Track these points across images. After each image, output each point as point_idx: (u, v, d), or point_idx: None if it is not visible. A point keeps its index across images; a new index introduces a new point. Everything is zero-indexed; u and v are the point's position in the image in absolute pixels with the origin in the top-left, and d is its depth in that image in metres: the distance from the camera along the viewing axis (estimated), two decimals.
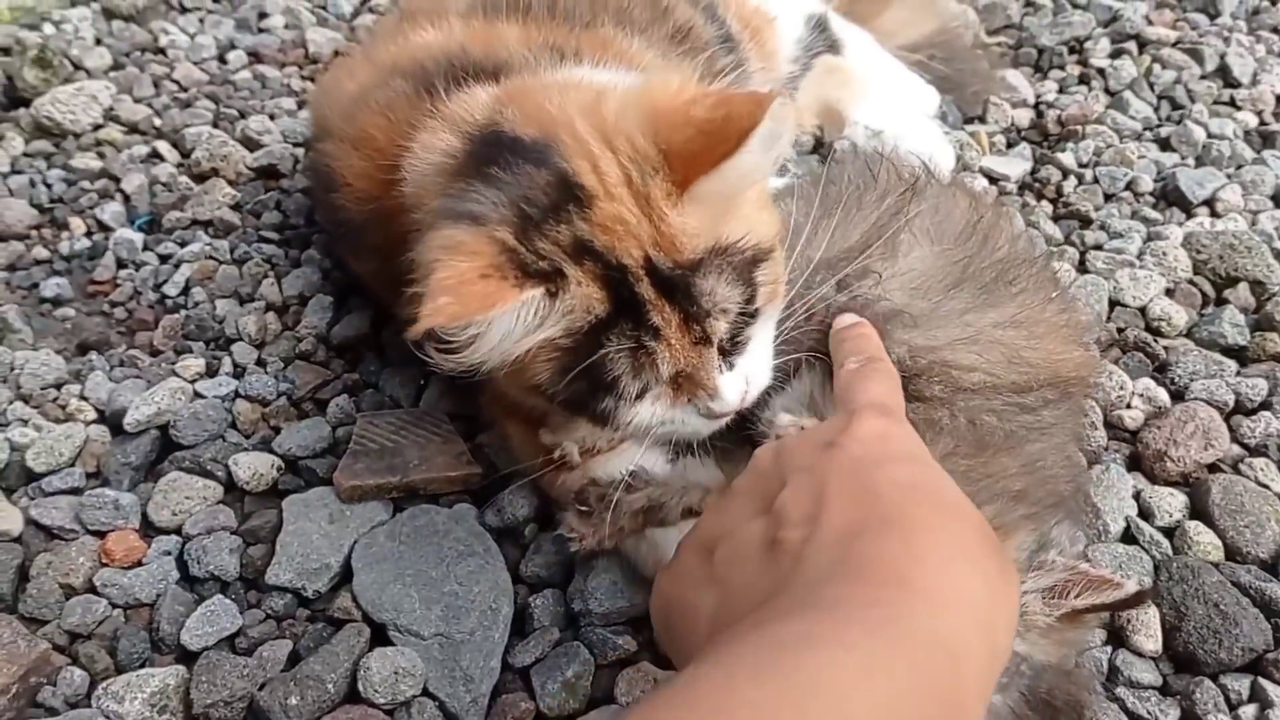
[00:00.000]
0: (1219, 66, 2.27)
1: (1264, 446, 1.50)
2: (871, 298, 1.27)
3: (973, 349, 1.23)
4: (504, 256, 1.07)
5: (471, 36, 1.60)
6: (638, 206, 1.10)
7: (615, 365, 1.11)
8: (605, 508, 1.34)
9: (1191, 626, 1.29)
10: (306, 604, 1.41)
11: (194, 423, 1.60)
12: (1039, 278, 1.37)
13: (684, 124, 1.12)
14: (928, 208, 1.37)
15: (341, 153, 1.55)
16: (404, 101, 1.51)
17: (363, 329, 1.76)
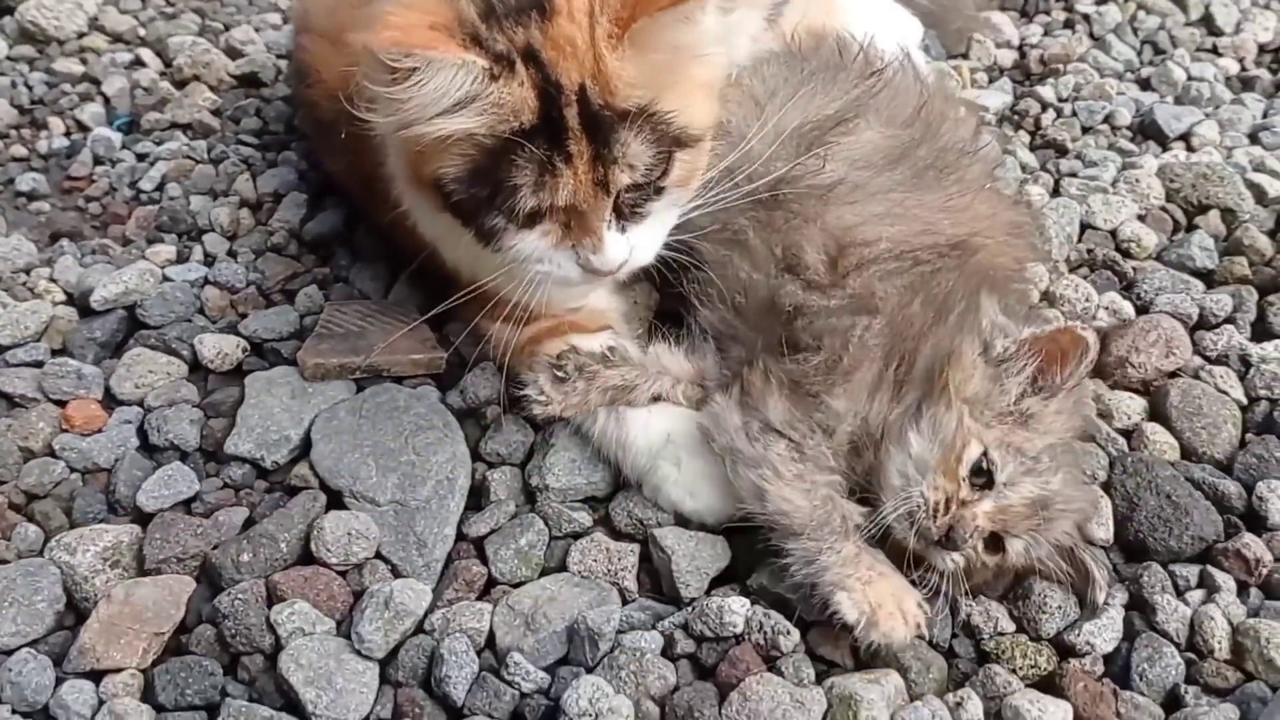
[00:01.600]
0: (1203, 15, 2.28)
1: (1225, 357, 1.51)
2: (814, 170, 1.33)
3: (887, 224, 1.30)
4: (458, 24, 1.09)
5: None
6: (590, 36, 1.12)
7: (520, 174, 1.12)
8: (581, 377, 1.35)
9: (1143, 516, 1.30)
10: (265, 475, 1.41)
11: (161, 303, 1.60)
12: (976, 169, 1.43)
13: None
14: (889, 93, 1.41)
15: (319, 48, 1.55)
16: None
17: (336, 225, 1.76)
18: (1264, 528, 1.31)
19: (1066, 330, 1.17)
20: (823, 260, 1.30)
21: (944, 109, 1.48)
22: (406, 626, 1.21)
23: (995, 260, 1.36)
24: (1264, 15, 2.27)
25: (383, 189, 1.41)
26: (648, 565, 1.30)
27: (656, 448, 1.34)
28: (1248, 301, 1.59)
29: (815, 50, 1.57)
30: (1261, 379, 1.46)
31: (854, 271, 1.29)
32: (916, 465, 1.19)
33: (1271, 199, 1.78)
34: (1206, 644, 1.19)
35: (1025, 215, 1.57)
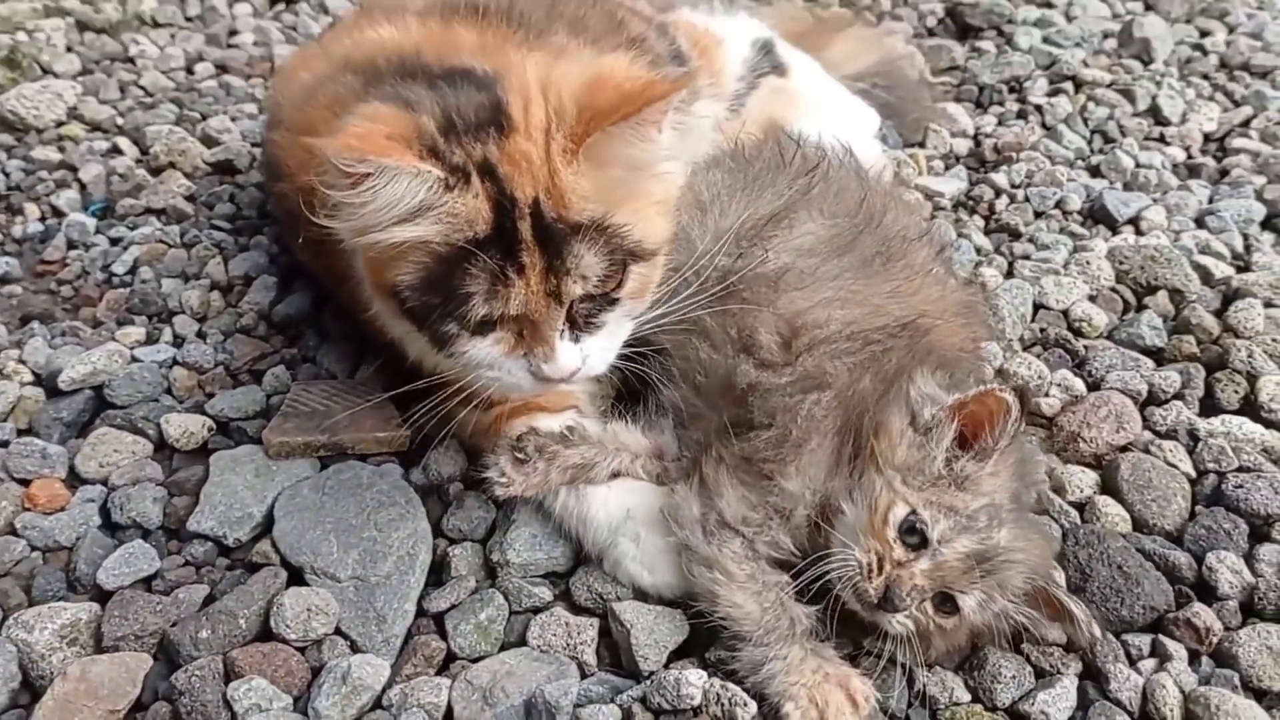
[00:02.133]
0: (1150, 106, 2.36)
1: (1174, 432, 1.54)
2: (760, 260, 1.39)
3: (837, 307, 1.34)
4: (417, 136, 1.14)
5: (427, 38, 1.66)
6: (545, 152, 1.17)
7: (473, 283, 1.16)
8: (541, 458, 1.37)
9: (1095, 587, 1.32)
10: (227, 553, 1.42)
11: (128, 383, 1.61)
12: (923, 254, 1.48)
13: (610, 88, 1.21)
14: (826, 188, 1.49)
15: (288, 143, 1.58)
16: (352, 97, 1.56)
17: (304, 307, 1.79)
18: (1214, 597, 1.33)
19: (989, 393, 1.20)
20: (776, 341, 1.34)
21: (887, 199, 1.55)
22: (364, 702, 1.21)
23: (947, 340, 1.40)
24: (1207, 106, 2.36)
25: (351, 287, 1.45)
26: (607, 639, 1.31)
27: (616, 523, 1.35)
28: (1196, 378, 1.63)
29: (759, 152, 1.63)
30: (1209, 453, 1.49)
31: (806, 352, 1.33)
32: (848, 532, 1.21)
33: (1217, 280, 1.83)
34: (1159, 712, 1.20)
35: (976, 296, 1.62)
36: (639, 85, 1.20)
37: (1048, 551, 1.30)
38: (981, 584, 1.19)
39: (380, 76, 1.54)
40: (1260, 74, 2.50)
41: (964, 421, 1.23)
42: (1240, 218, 2.01)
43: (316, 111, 1.54)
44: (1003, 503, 1.22)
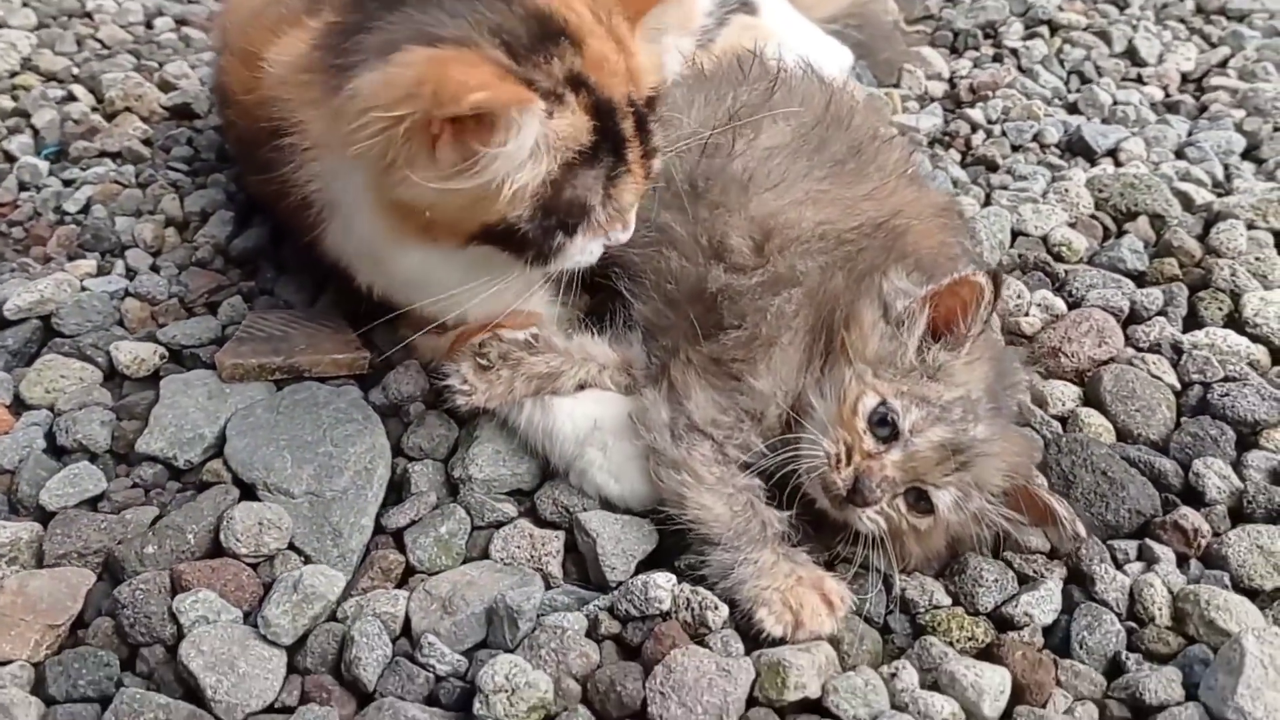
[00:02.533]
0: (1127, 48, 2.33)
1: (1157, 346, 1.50)
2: (724, 165, 1.35)
3: (809, 208, 1.31)
4: (508, 70, 1.07)
5: None
6: (614, 44, 1.15)
7: (590, 195, 1.15)
8: (505, 365, 1.31)
9: (1079, 493, 1.28)
10: (177, 475, 1.36)
11: (77, 312, 1.55)
12: (895, 156, 1.45)
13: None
14: (789, 94, 1.46)
15: (233, 67, 1.53)
16: (293, 16, 1.50)
17: (263, 241, 1.73)
18: (1201, 503, 1.29)
19: (963, 280, 1.15)
20: (748, 244, 1.30)
21: (854, 102, 1.51)
22: (316, 611, 1.15)
23: (924, 241, 1.36)
24: (1185, 46, 2.33)
25: (302, 213, 1.39)
26: (574, 555, 1.26)
27: (583, 434, 1.30)
28: (1178, 297, 1.59)
29: (717, 67, 1.60)
30: (1194, 364, 1.45)
31: (778, 253, 1.28)
32: (818, 426, 1.17)
33: (1199, 206, 1.79)
34: (1147, 611, 1.16)
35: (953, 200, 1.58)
36: None
37: (1029, 452, 1.26)
38: (956, 479, 1.14)
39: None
40: (1237, 17, 2.47)
41: (937, 313, 1.18)
42: (1220, 149, 1.98)
43: (259, 33, 1.48)
44: (979, 398, 1.18)
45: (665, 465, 1.22)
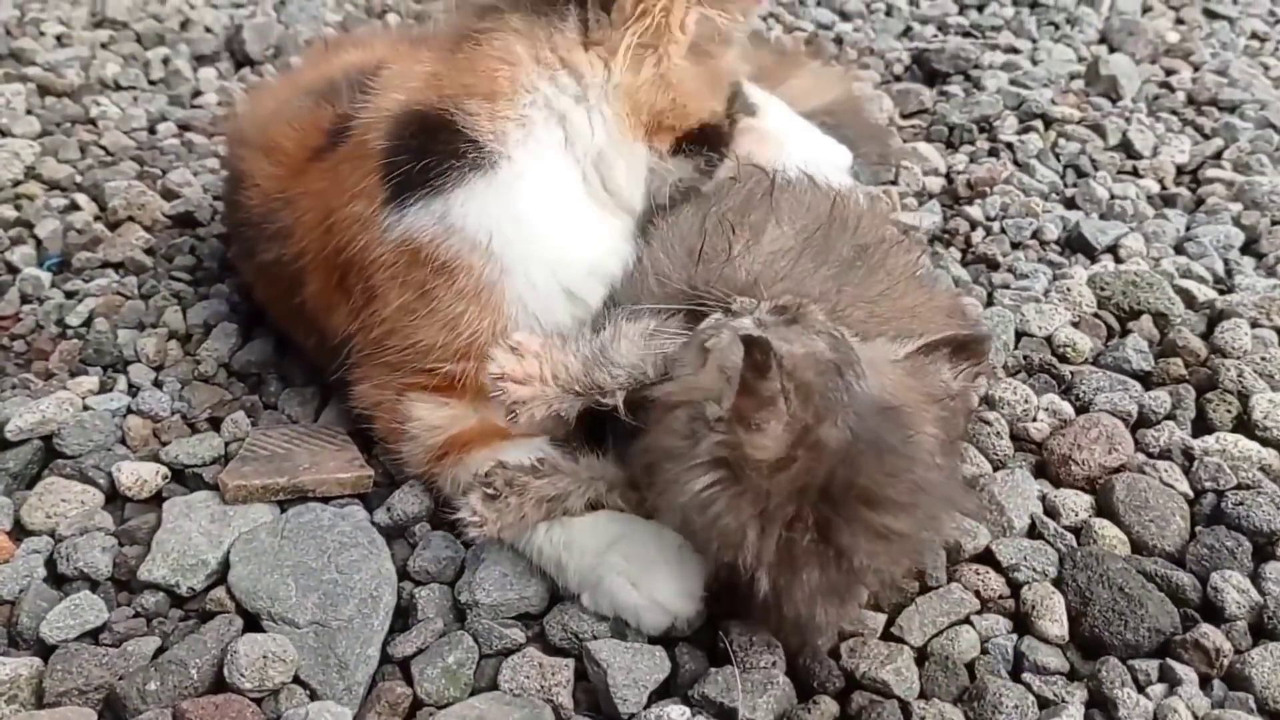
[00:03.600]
0: (1121, 141, 2.35)
1: (1168, 452, 1.49)
2: (726, 273, 1.33)
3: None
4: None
5: (392, 55, 1.65)
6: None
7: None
8: (512, 492, 1.30)
9: (1097, 611, 1.26)
10: (180, 603, 1.34)
11: (79, 432, 1.54)
12: (902, 260, 1.44)
13: None
14: (789, 199, 1.46)
15: (251, 156, 1.61)
16: (306, 113, 1.56)
17: (267, 353, 1.73)
18: (1221, 618, 1.26)
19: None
20: None
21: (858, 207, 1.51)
22: None
23: None
24: (1178, 139, 2.35)
25: (292, 288, 1.51)
26: (584, 683, 1.23)
27: (604, 544, 1.27)
28: (1186, 399, 1.58)
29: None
30: (1206, 471, 1.44)
31: None
32: None
33: (1201, 303, 1.79)
34: None
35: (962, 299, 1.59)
36: None
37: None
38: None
39: (337, 89, 1.55)
40: (1228, 108, 2.49)
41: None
42: (1219, 243, 1.98)
43: (278, 128, 1.58)
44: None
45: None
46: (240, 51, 2.91)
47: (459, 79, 1.41)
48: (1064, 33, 2.97)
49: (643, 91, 1.42)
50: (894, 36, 3.02)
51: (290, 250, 1.50)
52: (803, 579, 1.08)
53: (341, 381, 1.52)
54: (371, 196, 1.41)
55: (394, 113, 1.42)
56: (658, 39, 1.41)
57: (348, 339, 1.47)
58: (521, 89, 1.40)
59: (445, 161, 1.37)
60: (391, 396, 1.45)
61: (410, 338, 1.42)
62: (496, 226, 1.38)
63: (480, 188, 1.38)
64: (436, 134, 1.39)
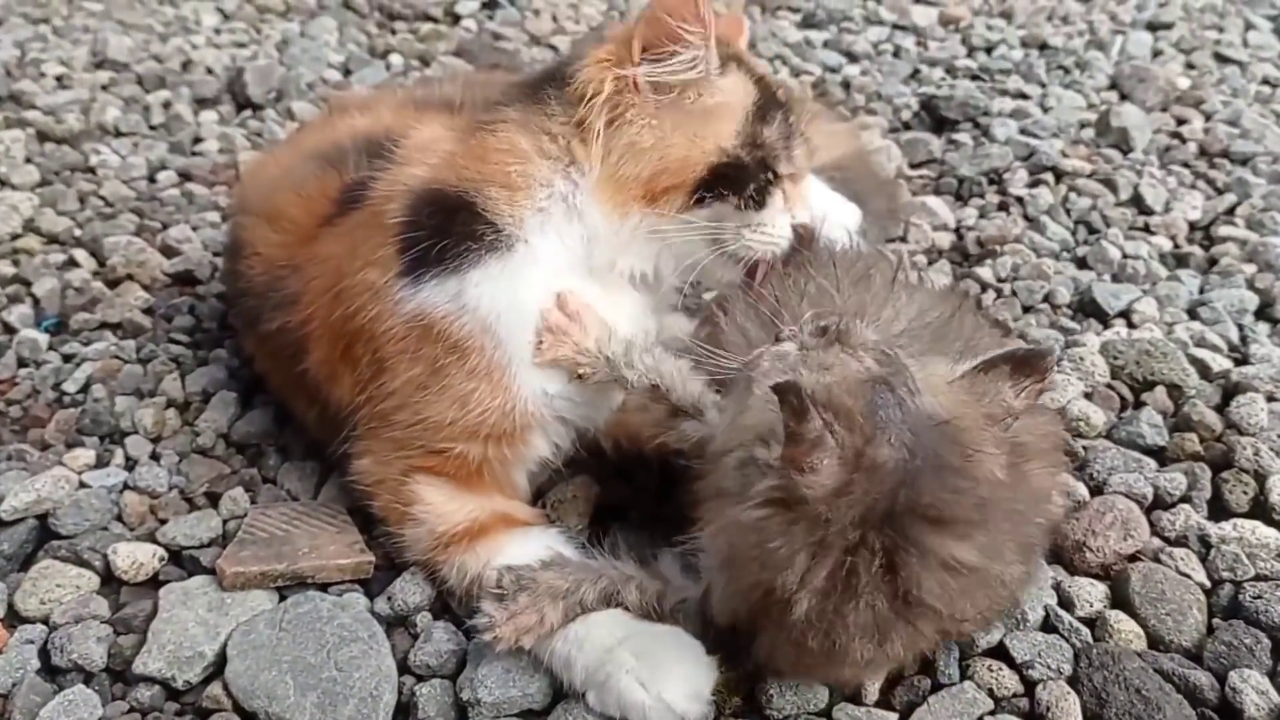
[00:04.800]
0: (1132, 196, 2.32)
1: (1184, 538, 1.46)
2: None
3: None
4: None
5: (398, 122, 1.63)
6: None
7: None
8: (521, 589, 1.27)
9: (1113, 713, 1.23)
10: (176, 696, 1.31)
11: (75, 511, 1.52)
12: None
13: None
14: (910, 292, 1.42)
15: (255, 224, 1.60)
16: (313, 180, 1.54)
17: (267, 425, 1.71)
18: None
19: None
20: None
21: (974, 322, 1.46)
22: None
23: None
24: (1190, 194, 2.32)
25: (297, 356, 1.49)
26: None
27: (616, 641, 1.23)
28: (1202, 479, 1.55)
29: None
30: (1223, 560, 1.41)
31: None
32: None
33: (1216, 374, 1.76)
34: None
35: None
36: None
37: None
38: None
39: (345, 156, 1.54)
40: (1241, 160, 2.47)
41: None
42: (1233, 308, 1.95)
43: (283, 195, 1.58)
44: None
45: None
46: (242, 94, 2.89)
47: (476, 166, 1.39)
48: (1074, 78, 2.94)
49: (623, 168, 1.38)
50: (901, 80, 3.00)
51: (296, 318, 1.48)
52: (856, 606, 1.05)
53: (342, 456, 1.49)
54: (386, 267, 1.39)
55: (413, 188, 1.40)
56: (617, 110, 1.37)
57: (352, 411, 1.45)
58: (536, 184, 1.38)
59: (463, 242, 1.36)
60: (396, 475, 1.42)
61: (420, 413, 1.39)
62: (505, 310, 1.36)
63: (495, 270, 1.36)
64: (456, 214, 1.37)
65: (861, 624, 1.06)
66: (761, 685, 1.26)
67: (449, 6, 3.59)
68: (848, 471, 1.02)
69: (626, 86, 1.36)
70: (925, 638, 1.14)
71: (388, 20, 3.58)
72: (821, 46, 3.27)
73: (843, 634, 1.06)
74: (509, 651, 1.27)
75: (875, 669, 1.23)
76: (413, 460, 1.41)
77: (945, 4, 3.56)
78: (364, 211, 1.44)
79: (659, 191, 1.39)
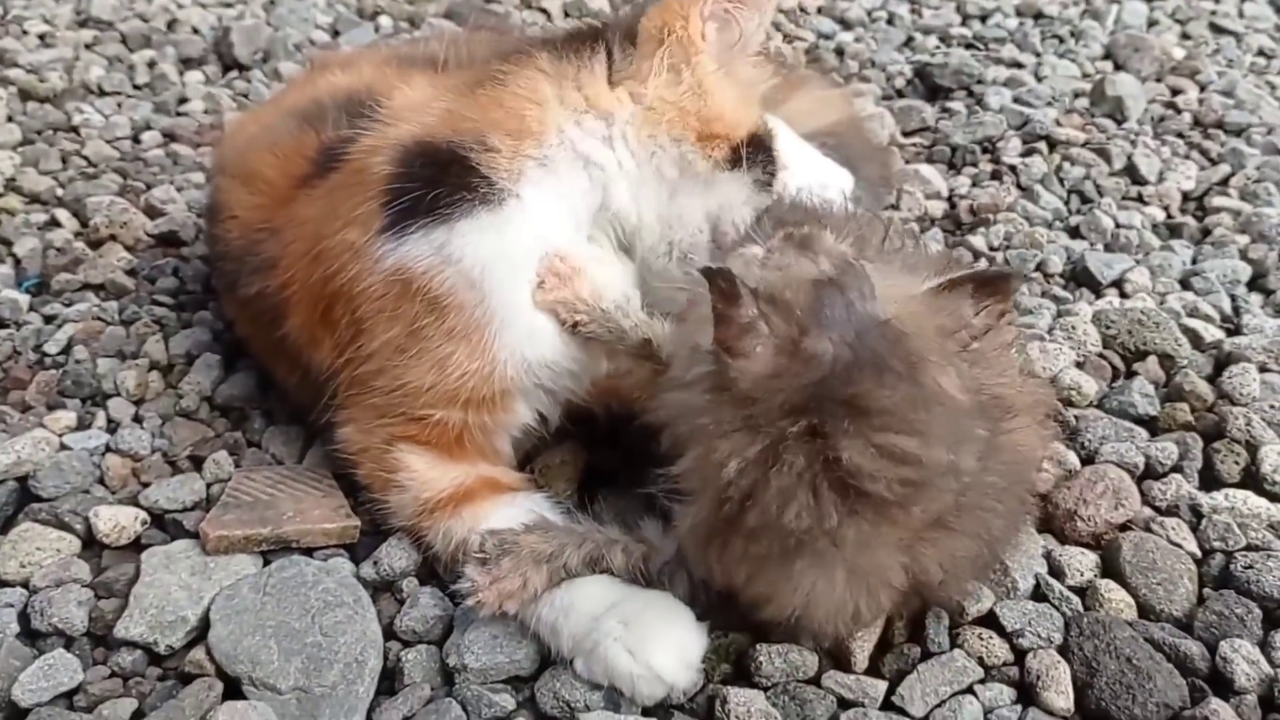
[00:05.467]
0: (1126, 166, 2.30)
1: (1175, 508, 1.46)
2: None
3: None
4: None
5: (379, 79, 1.60)
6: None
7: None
8: (504, 553, 1.25)
9: (1104, 682, 1.22)
10: (158, 661, 1.30)
11: (55, 473, 1.49)
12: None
13: None
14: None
15: (231, 186, 1.57)
16: (289, 139, 1.51)
17: (250, 388, 1.69)
18: (1230, 690, 1.23)
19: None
20: None
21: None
22: None
23: None
24: (1184, 164, 2.31)
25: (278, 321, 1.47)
26: None
27: (603, 609, 1.23)
28: (1193, 449, 1.54)
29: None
30: (1215, 530, 1.40)
31: None
32: None
33: (1208, 344, 1.76)
34: None
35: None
36: None
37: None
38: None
39: (324, 114, 1.51)
40: (1235, 131, 2.45)
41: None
42: (1226, 278, 1.94)
43: (259, 155, 1.55)
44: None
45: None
46: (228, 55, 2.85)
47: (483, 114, 1.36)
48: (1068, 47, 2.92)
49: (685, 100, 1.40)
50: (895, 48, 2.97)
51: (274, 282, 1.46)
52: (789, 479, 1.02)
53: (326, 423, 1.47)
54: (367, 225, 1.36)
55: (403, 142, 1.37)
56: (685, 55, 1.40)
57: (332, 375, 1.43)
58: (550, 129, 1.36)
59: (455, 193, 1.33)
60: (379, 444, 1.40)
61: (399, 378, 1.37)
62: (492, 264, 1.33)
63: (485, 221, 1.34)
64: (448, 167, 1.34)
65: (802, 504, 1.02)
66: (750, 652, 1.25)
67: None
68: (781, 360, 1.04)
69: (696, 34, 1.39)
70: (887, 550, 1.10)
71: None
72: (815, 12, 3.23)
73: (783, 513, 1.03)
74: (495, 617, 1.26)
75: (847, 600, 1.14)
76: (394, 428, 1.39)
77: None
78: (344, 171, 1.41)
79: (711, 135, 1.41)
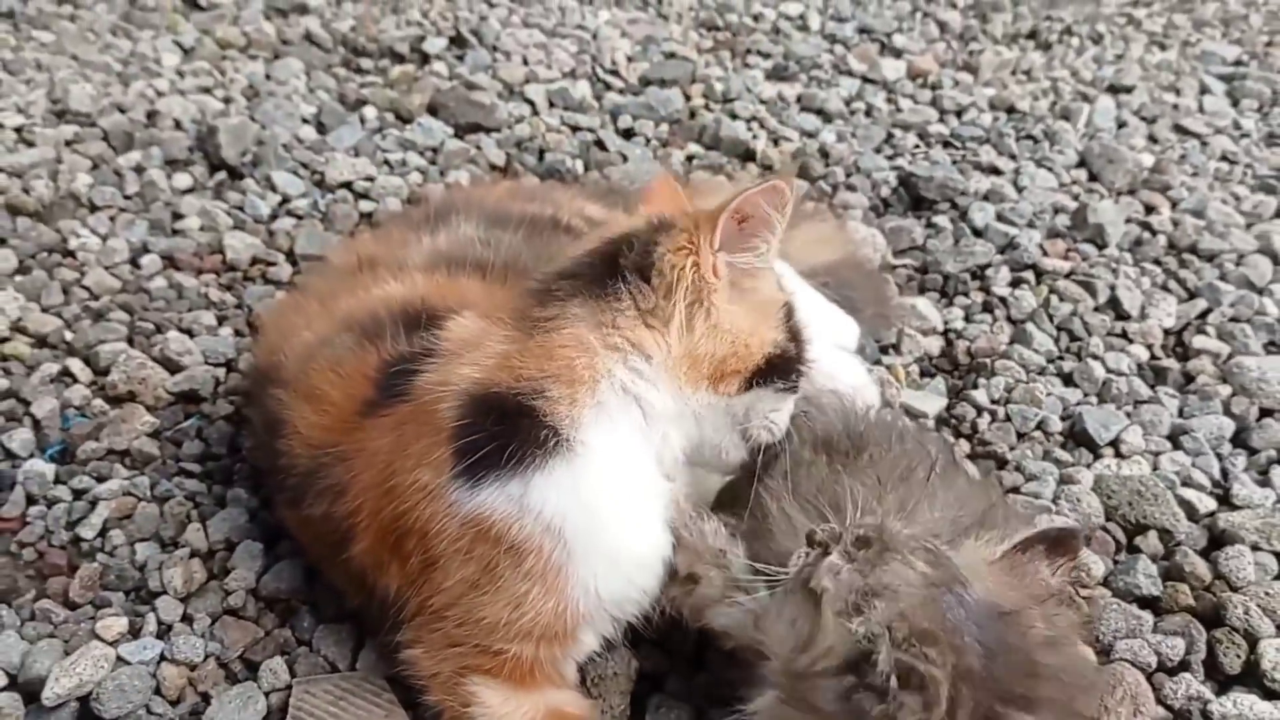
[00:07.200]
0: (1110, 299, 2.41)
1: (1188, 712, 1.56)
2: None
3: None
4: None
5: (432, 290, 1.63)
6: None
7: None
8: None
9: None
10: None
11: (118, 695, 1.52)
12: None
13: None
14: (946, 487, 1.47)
15: (293, 402, 1.59)
16: (351, 356, 1.54)
17: (295, 580, 1.72)
18: None
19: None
20: None
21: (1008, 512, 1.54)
22: None
23: None
24: (1164, 298, 2.42)
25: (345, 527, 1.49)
26: None
27: None
28: (1198, 641, 1.65)
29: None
30: None
31: None
32: None
33: (1202, 515, 1.87)
34: None
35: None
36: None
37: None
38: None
39: (381, 329, 1.54)
40: (1207, 258, 2.57)
41: None
42: (1212, 436, 2.06)
43: (321, 374, 1.58)
44: None
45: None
46: (215, 155, 2.83)
47: (538, 366, 1.40)
48: (1044, 153, 3.02)
49: (701, 345, 1.44)
50: (875, 147, 3.06)
51: (342, 509, 1.49)
52: None
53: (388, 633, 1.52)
54: (439, 469, 1.40)
55: (468, 390, 1.41)
56: (700, 294, 1.43)
57: (399, 600, 1.47)
58: (600, 376, 1.41)
59: (526, 447, 1.38)
60: (450, 673, 1.45)
61: (472, 613, 1.41)
62: (570, 513, 1.38)
63: (559, 474, 1.38)
64: (517, 420, 1.38)
65: None
66: None
67: (415, 43, 3.54)
68: (952, 689, 1.06)
69: (709, 271, 1.42)
70: None
71: (354, 56, 3.52)
72: (795, 103, 3.30)
73: None
74: None
75: None
76: (466, 658, 1.44)
77: (912, 54, 3.61)
78: (413, 407, 1.45)
79: (726, 374, 1.46)
